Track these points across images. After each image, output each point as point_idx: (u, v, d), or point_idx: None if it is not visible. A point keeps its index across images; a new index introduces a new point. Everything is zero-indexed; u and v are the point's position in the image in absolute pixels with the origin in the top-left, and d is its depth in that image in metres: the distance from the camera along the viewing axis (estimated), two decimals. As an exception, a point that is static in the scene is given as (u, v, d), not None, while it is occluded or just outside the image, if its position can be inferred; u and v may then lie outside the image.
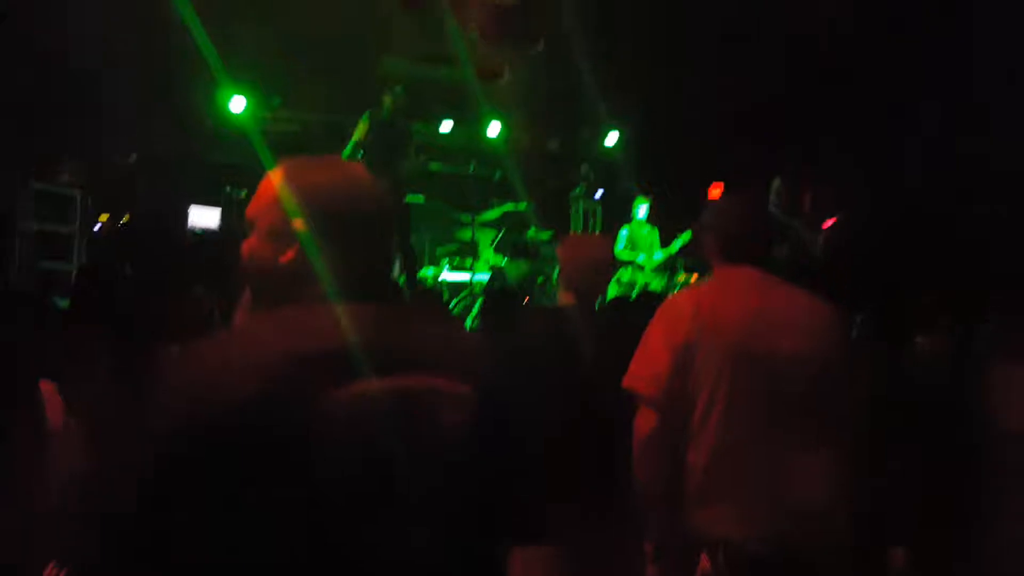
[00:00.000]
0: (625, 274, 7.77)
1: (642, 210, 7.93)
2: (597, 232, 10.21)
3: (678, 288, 7.97)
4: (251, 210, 1.15)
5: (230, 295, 3.09)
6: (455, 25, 7.60)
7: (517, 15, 7.70)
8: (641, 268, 7.80)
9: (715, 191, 9.79)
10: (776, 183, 7.06)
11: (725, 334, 1.90)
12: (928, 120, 6.61)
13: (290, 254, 1.07)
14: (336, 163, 1.21)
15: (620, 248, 7.91)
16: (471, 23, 7.88)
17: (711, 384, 1.88)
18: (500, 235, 8.31)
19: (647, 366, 1.95)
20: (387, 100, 6.58)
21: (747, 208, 2.20)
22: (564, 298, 2.70)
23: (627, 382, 1.97)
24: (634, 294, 7.62)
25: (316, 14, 6.94)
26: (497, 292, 5.06)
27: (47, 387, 2.03)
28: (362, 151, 6.36)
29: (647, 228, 7.97)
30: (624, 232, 8.00)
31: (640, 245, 7.93)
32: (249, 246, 1.13)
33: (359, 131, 6.41)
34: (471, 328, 6.61)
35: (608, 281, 2.90)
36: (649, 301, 3.25)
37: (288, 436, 0.91)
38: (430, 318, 1.16)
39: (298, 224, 1.07)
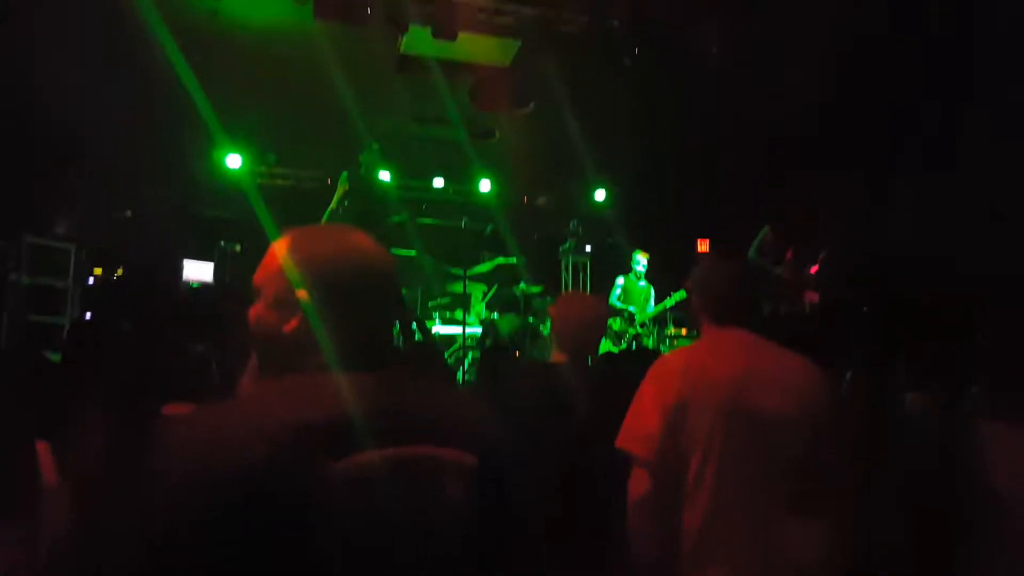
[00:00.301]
0: (616, 323, 7.82)
1: (642, 262, 8.00)
2: (587, 286, 10.32)
3: (668, 342, 8.02)
4: (258, 277, 1.18)
5: (225, 350, 3.10)
6: (447, 88, 7.79)
7: (507, 79, 7.90)
8: (632, 320, 7.86)
9: (703, 246, 9.95)
10: (764, 231, 7.17)
11: (716, 395, 1.93)
12: (916, 180, 6.76)
13: (294, 323, 1.10)
14: (341, 232, 1.21)
15: (614, 297, 7.99)
16: (463, 87, 8.08)
17: (703, 445, 1.90)
18: (492, 291, 8.37)
19: (639, 426, 1.97)
20: (364, 158, 6.74)
21: (733, 271, 2.24)
22: (557, 356, 2.71)
23: (620, 443, 1.98)
24: (623, 344, 7.66)
25: (311, 74, 7.10)
26: (491, 350, 5.07)
27: (40, 446, 2.01)
28: (343, 210, 6.47)
29: (644, 281, 8.06)
30: (620, 281, 8.08)
31: (633, 296, 8.00)
32: (255, 313, 1.16)
33: (339, 191, 6.54)
34: (463, 381, 6.62)
35: (600, 339, 2.92)
36: (641, 358, 3.27)
37: (291, 504, 0.93)
38: (430, 384, 1.17)
39: (302, 294, 1.10)
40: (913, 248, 6.24)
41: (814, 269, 6.96)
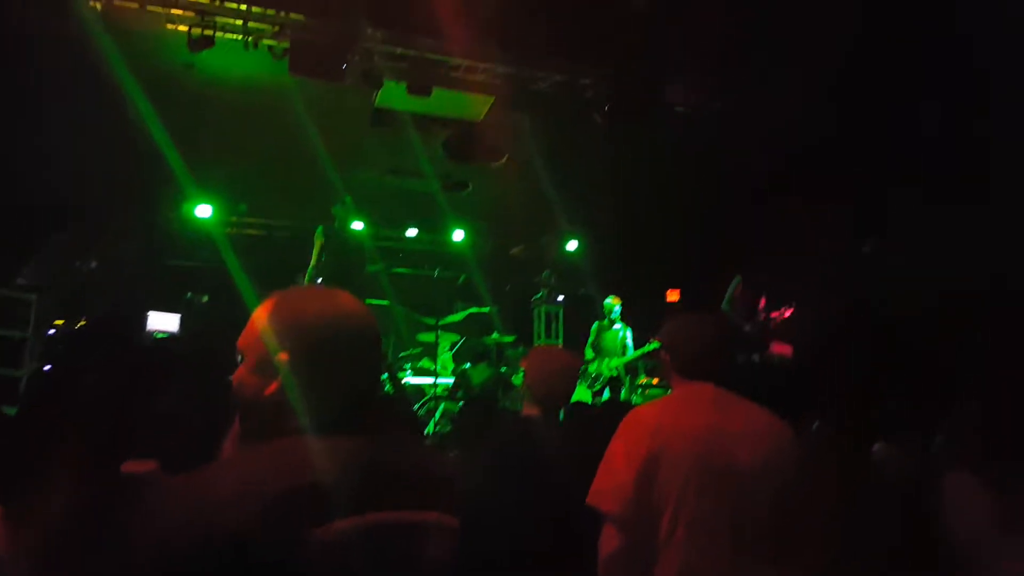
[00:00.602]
0: (592, 366, 7.83)
1: (615, 308, 8.01)
2: (560, 336, 10.35)
3: (640, 392, 8.03)
4: (241, 341, 1.18)
5: (190, 406, 3.03)
6: (421, 141, 7.91)
7: (480, 133, 8.05)
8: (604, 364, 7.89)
9: (672, 295, 10.08)
10: (736, 282, 7.27)
11: (687, 451, 1.94)
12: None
13: (274, 386, 1.10)
14: (322, 294, 1.22)
15: (589, 343, 7.99)
16: (437, 140, 8.21)
17: (675, 501, 1.90)
18: (460, 342, 8.36)
19: (610, 482, 1.96)
20: (337, 211, 6.80)
21: (702, 328, 2.27)
22: (529, 409, 2.70)
23: (591, 499, 1.97)
24: (596, 386, 7.66)
25: (286, 126, 7.16)
26: (470, 404, 5.01)
27: None
28: (320, 264, 6.48)
29: (620, 324, 8.05)
30: (595, 327, 8.08)
31: (607, 342, 7.99)
32: (238, 377, 1.16)
33: (316, 246, 6.57)
34: (434, 432, 6.55)
35: (572, 392, 2.92)
36: (613, 411, 3.27)
37: (269, 572, 0.92)
38: (408, 444, 1.17)
39: (281, 357, 1.11)
40: (882, 299, 6.37)
41: (785, 314, 7.05)
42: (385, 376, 6.81)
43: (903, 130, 6.40)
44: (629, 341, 8.01)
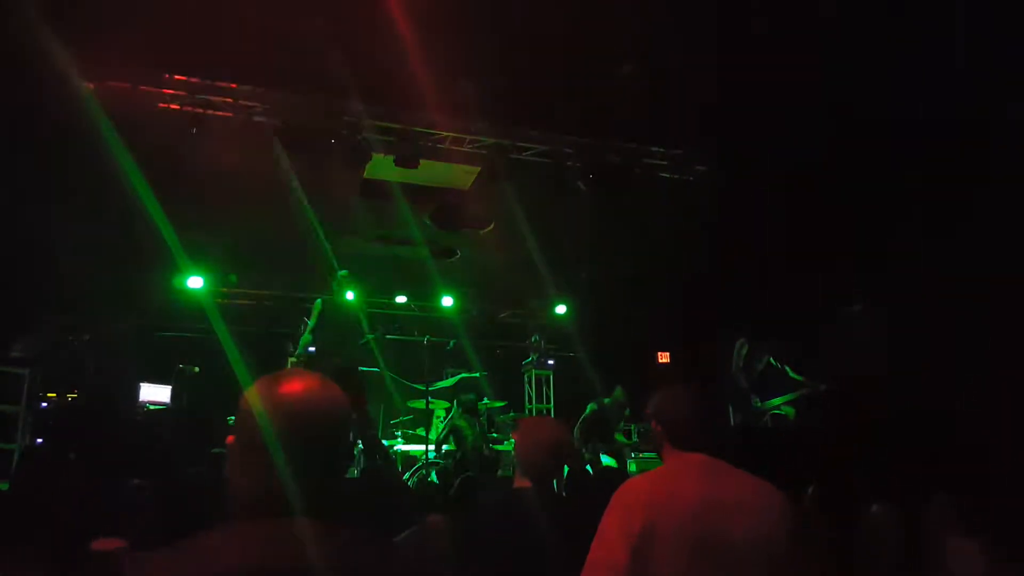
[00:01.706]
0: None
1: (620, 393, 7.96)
2: (551, 399, 10.35)
3: (632, 458, 7.98)
4: (233, 428, 1.24)
5: (172, 480, 3.06)
6: (409, 210, 8.07)
7: (468, 202, 8.23)
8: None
9: (663, 358, 10.12)
10: (741, 347, 7.29)
11: (680, 524, 1.94)
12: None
13: (248, 471, 1.16)
14: (284, 380, 1.24)
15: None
16: (425, 208, 8.37)
17: (670, 573, 1.89)
18: (454, 410, 8.35)
19: (605, 556, 1.95)
20: (334, 285, 6.91)
21: (692, 399, 2.29)
22: (521, 481, 2.67)
23: (586, 572, 1.95)
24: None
25: (276, 198, 7.32)
26: (459, 481, 4.97)
27: None
28: (317, 333, 6.56)
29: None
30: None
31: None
32: (228, 462, 1.22)
33: (313, 317, 6.64)
34: (428, 497, 6.48)
35: (563, 464, 2.90)
36: (612, 479, 3.24)
37: None
38: (366, 538, 1.18)
39: (229, 440, 1.17)
40: (876, 364, 6.38)
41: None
42: (359, 450, 6.82)
43: (890, 193, 6.53)
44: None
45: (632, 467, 7.61)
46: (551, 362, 10.47)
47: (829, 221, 7.08)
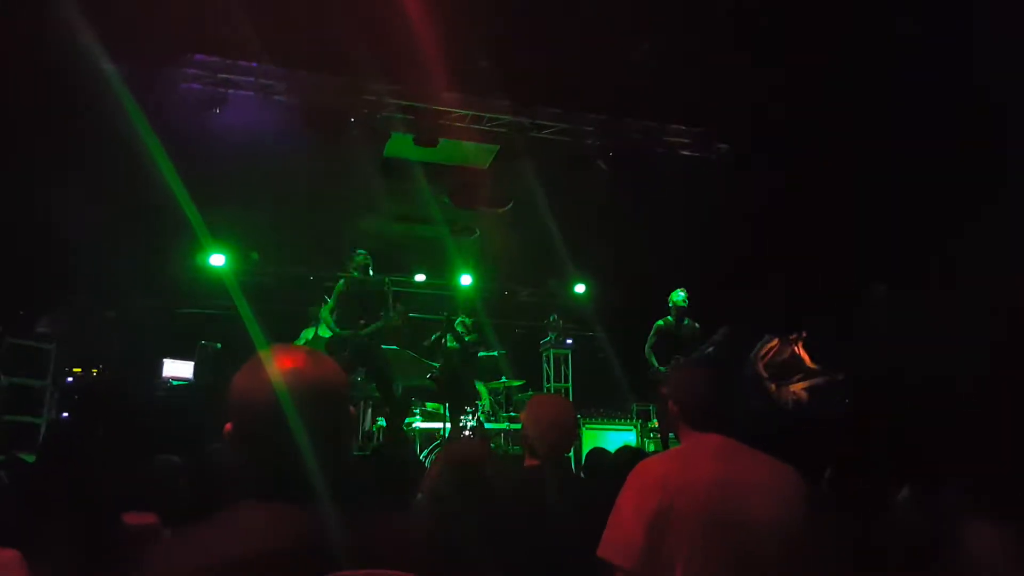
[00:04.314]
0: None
1: (680, 296, 7.32)
2: (569, 379, 10.36)
3: (653, 437, 8.00)
4: (229, 414, 1.20)
5: (196, 455, 3.12)
6: (428, 189, 8.08)
7: (486, 181, 8.23)
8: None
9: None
10: (768, 343, 7.13)
11: (697, 504, 1.93)
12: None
13: (253, 455, 1.15)
14: (274, 357, 1.18)
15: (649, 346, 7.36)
16: (444, 188, 8.38)
17: (685, 555, 1.89)
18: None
19: (620, 535, 1.96)
20: (354, 261, 6.89)
21: (709, 380, 2.27)
22: (530, 460, 2.66)
23: (601, 551, 1.96)
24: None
25: (295, 176, 7.36)
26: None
27: (9, 555, 2.01)
28: (340, 309, 6.57)
29: (687, 319, 7.33)
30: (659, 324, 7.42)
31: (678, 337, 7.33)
32: (232, 448, 1.20)
33: (336, 291, 6.66)
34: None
35: (571, 442, 2.89)
36: (628, 458, 3.21)
37: None
38: (356, 513, 1.15)
39: (226, 428, 1.15)
40: (897, 343, 6.31)
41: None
42: (378, 427, 6.85)
43: (907, 172, 6.43)
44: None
45: (651, 447, 7.63)
46: (569, 341, 10.48)
47: (856, 203, 7.00)
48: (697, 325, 7.30)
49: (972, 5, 5.17)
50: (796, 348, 6.36)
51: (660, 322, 7.28)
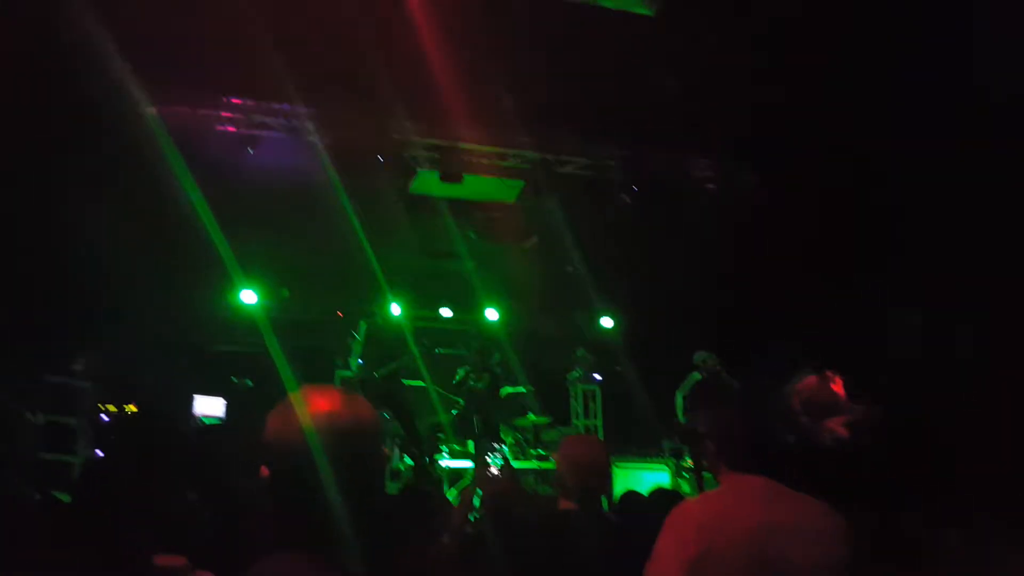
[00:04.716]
0: None
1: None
2: (598, 415, 10.23)
3: (684, 477, 7.83)
4: (264, 458, 1.20)
5: (227, 494, 3.13)
6: (454, 225, 8.15)
7: (512, 215, 8.28)
8: None
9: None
10: (805, 376, 7.03)
11: (736, 549, 1.89)
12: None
13: (286, 501, 1.13)
14: (303, 403, 1.16)
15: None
16: (469, 223, 8.44)
17: None
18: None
19: None
20: (379, 307, 7.00)
21: (747, 419, 2.25)
22: (566, 502, 2.62)
23: None
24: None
25: (324, 213, 7.48)
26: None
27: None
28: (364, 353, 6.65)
29: None
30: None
31: None
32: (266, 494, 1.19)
33: (359, 340, 6.73)
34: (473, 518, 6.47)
35: (606, 484, 2.84)
36: (663, 501, 3.15)
37: None
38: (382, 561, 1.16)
39: (263, 473, 1.14)
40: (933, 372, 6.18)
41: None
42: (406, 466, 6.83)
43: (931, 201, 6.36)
44: None
45: (685, 487, 7.47)
46: (598, 376, 10.36)
47: (880, 232, 6.91)
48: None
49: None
50: (834, 385, 6.23)
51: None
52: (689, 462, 7.97)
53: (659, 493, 4.07)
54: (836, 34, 5.62)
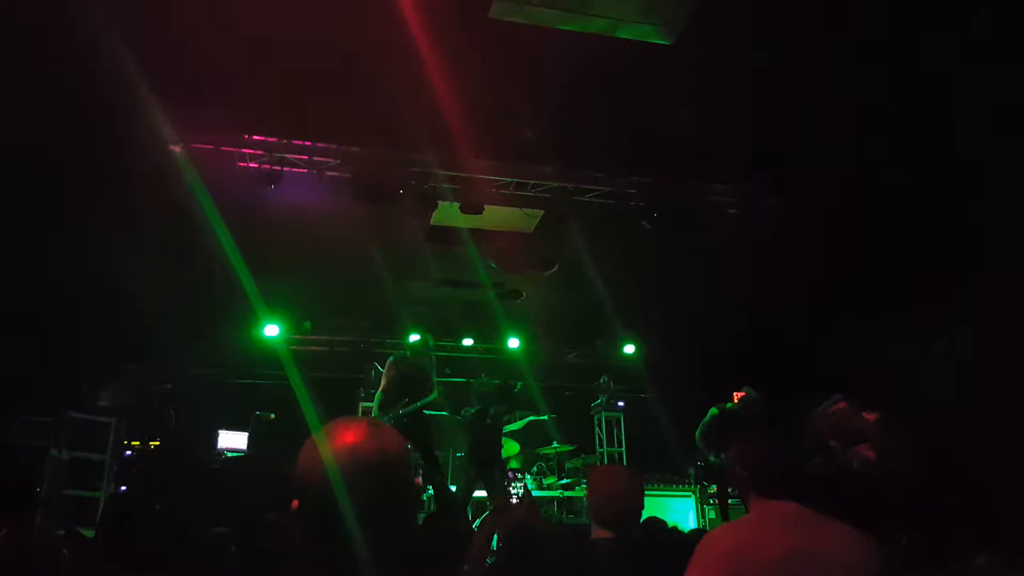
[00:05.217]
0: None
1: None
2: (622, 443, 10.13)
3: (711, 504, 7.71)
4: (295, 491, 1.19)
5: (252, 528, 3.12)
6: (475, 254, 8.18)
7: (532, 244, 8.29)
8: None
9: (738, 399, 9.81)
10: (835, 402, 6.93)
11: (766, 575, 1.85)
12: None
13: (316, 536, 1.12)
14: (329, 437, 1.16)
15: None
16: (489, 253, 8.46)
17: None
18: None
19: None
20: (409, 347, 7.01)
21: (778, 444, 2.20)
22: (599, 532, 2.60)
23: None
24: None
25: (346, 246, 7.54)
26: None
27: None
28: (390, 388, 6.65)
29: None
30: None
31: None
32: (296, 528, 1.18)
33: (385, 373, 6.74)
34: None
35: (637, 512, 2.82)
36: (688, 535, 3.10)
37: None
38: None
39: (293, 506, 1.14)
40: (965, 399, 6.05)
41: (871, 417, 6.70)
42: (428, 496, 6.79)
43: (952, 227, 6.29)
44: None
45: (711, 514, 7.35)
46: (621, 404, 10.29)
47: (904, 254, 6.82)
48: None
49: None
50: (863, 411, 6.12)
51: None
52: (714, 489, 7.85)
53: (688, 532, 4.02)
54: (863, 56, 5.60)
